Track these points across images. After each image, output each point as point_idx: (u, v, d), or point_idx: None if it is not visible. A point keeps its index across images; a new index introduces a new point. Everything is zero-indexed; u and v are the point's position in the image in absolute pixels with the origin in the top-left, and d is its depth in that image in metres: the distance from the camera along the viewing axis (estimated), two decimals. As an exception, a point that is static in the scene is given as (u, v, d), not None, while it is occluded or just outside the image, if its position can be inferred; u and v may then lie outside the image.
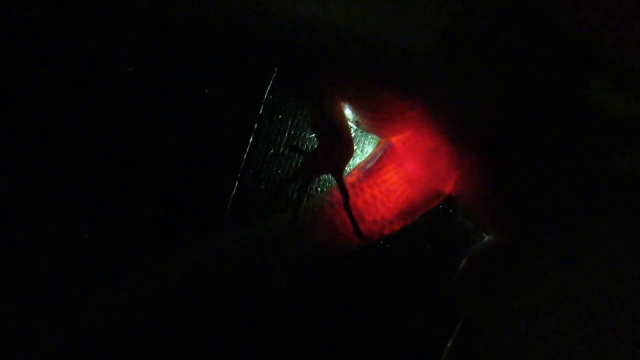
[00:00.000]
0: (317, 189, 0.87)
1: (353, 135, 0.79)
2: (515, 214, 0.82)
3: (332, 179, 0.78)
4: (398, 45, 0.83)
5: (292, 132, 0.90)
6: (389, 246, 0.87)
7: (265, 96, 0.89)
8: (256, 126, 0.89)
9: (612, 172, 0.81)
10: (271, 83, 0.89)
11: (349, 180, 0.80)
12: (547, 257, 0.84)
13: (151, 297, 0.79)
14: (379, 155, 0.81)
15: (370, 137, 0.86)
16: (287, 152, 0.89)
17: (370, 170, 0.80)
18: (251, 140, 0.88)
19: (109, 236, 0.84)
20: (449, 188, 0.80)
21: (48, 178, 0.84)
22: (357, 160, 0.85)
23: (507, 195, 0.81)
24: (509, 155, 0.80)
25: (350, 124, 0.78)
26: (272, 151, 0.89)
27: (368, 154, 0.83)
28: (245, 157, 0.88)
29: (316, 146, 0.79)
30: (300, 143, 0.90)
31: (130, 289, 0.79)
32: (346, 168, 0.79)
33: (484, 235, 0.83)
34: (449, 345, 0.81)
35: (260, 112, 0.89)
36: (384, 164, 0.80)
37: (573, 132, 0.80)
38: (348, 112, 0.78)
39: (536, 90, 0.78)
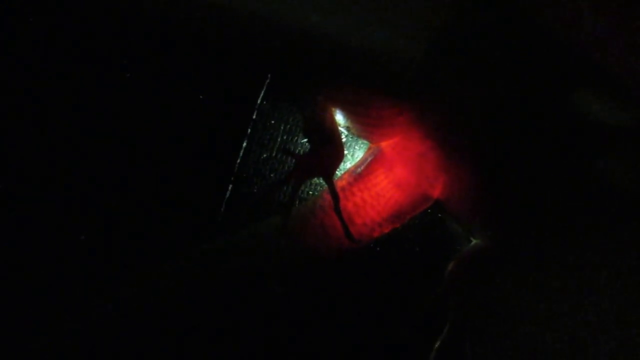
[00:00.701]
0: (308, 192, 0.88)
1: (344, 140, 0.81)
2: (502, 219, 0.84)
3: (323, 182, 0.79)
4: (387, 52, 0.85)
5: (285, 137, 0.91)
6: (378, 249, 0.88)
7: (259, 101, 0.90)
8: (249, 131, 0.90)
9: (599, 179, 0.83)
10: (264, 88, 0.90)
11: (339, 183, 0.81)
12: (532, 261, 0.86)
13: (144, 301, 0.80)
14: (369, 160, 0.82)
15: (360, 141, 0.87)
16: (279, 156, 0.91)
17: (361, 174, 0.82)
18: (244, 144, 0.90)
19: (104, 238, 0.85)
20: (436, 192, 0.82)
21: (42, 179, 0.85)
22: (348, 164, 0.86)
23: (493, 200, 0.83)
24: (496, 160, 0.82)
25: (340, 129, 0.80)
26: (264, 155, 0.91)
27: (358, 159, 0.85)
28: (238, 161, 0.89)
29: (308, 150, 0.80)
30: (292, 147, 0.91)
31: (123, 292, 0.80)
32: (337, 172, 0.80)
33: (471, 238, 0.85)
34: (436, 346, 0.82)
35: (254, 117, 0.90)
36: (373, 168, 0.81)
37: (561, 139, 0.82)
38: (339, 118, 0.79)
39: (524, 97, 0.80)
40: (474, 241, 0.85)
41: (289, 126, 0.91)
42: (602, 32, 0.73)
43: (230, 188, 0.89)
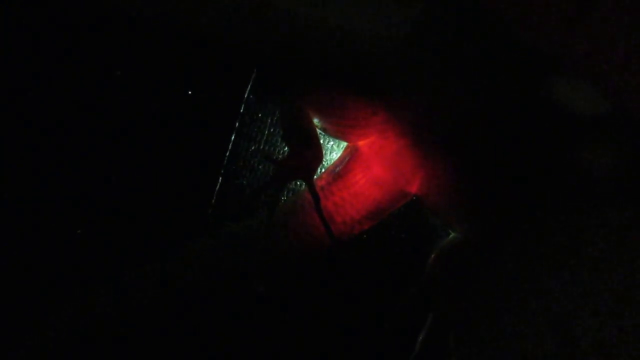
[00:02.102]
0: (292, 188, 0.90)
1: (321, 141, 0.82)
2: (479, 211, 0.86)
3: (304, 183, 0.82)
4: (361, 52, 0.85)
5: (272, 130, 0.93)
6: (360, 244, 0.90)
7: (246, 95, 0.91)
8: (237, 124, 0.91)
9: (573, 170, 0.84)
10: (250, 82, 0.91)
11: (319, 183, 0.83)
12: (512, 252, 0.87)
13: (130, 301, 0.83)
14: (347, 159, 0.84)
15: (337, 142, 0.89)
16: (267, 148, 0.92)
17: (339, 173, 0.84)
18: (232, 137, 0.91)
19: (94, 232, 0.87)
20: (414, 188, 0.84)
21: (31, 178, 0.87)
22: (326, 164, 0.88)
23: (469, 194, 0.84)
24: (470, 155, 0.83)
25: (318, 130, 0.82)
26: (252, 148, 0.92)
27: (336, 158, 0.87)
28: (227, 153, 0.91)
29: (287, 153, 0.82)
30: (279, 139, 0.93)
31: (112, 291, 0.83)
32: (316, 172, 0.82)
33: (450, 232, 0.87)
34: (421, 338, 0.86)
35: (241, 110, 0.91)
36: (351, 167, 0.83)
37: (533, 131, 0.83)
38: (316, 120, 0.81)
39: (497, 92, 0.81)
40: (453, 234, 0.87)
41: (275, 119, 0.93)
42: (562, 26, 0.73)
43: (220, 180, 0.91)
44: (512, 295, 0.87)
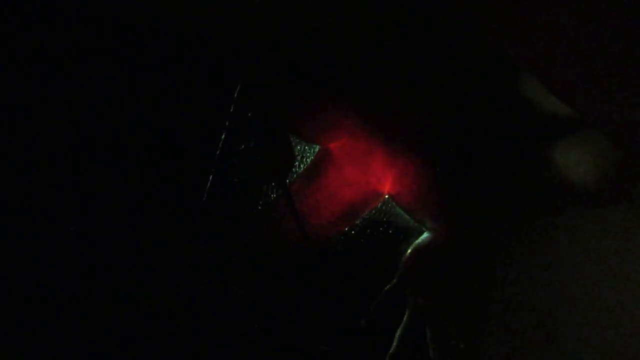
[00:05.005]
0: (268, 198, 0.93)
1: (294, 144, 0.85)
2: (450, 208, 0.87)
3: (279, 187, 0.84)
4: (331, 57, 0.87)
5: (262, 129, 0.95)
6: (336, 246, 0.92)
7: (235, 95, 0.94)
8: (227, 123, 0.94)
9: (539, 170, 0.84)
10: (240, 82, 0.94)
11: (292, 187, 0.85)
12: (484, 248, 0.88)
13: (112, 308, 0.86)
14: (319, 162, 0.86)
15: (310, 145, 0.90)
16: (255, 146, 0.94)
17: (312, 176, 0.86)
18: (223, 137, 0.94)
19: (88, 231, 0.89)
20: (386, 187, 0.85)
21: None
22: (300, 168, 0.89)
23: (440, 191, 0.85)
24: (440, 153, 0.84)
25: (290, 134, 0.84)
26: (242, 146, 0.95)
27: (309, 162, 0.88)
28: (218, 152, 0.94)
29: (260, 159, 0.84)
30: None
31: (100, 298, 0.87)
32: (289, 176, 0.85)
33: (424, 229, 0.88)
34: (398, 333, 0.88)
35: (231, 110, 0.94)
36: (324, 170, 0.85)
37: (501, 132, 0.83)
38: (288, 124, 0.83)
39: (463, 92, 0.82)
40: (427, 231, 0.88)
41: (264, 118, 0.95)
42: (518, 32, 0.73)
43: (211, 178, 0.94)
44: (492, 290, 0.88)
